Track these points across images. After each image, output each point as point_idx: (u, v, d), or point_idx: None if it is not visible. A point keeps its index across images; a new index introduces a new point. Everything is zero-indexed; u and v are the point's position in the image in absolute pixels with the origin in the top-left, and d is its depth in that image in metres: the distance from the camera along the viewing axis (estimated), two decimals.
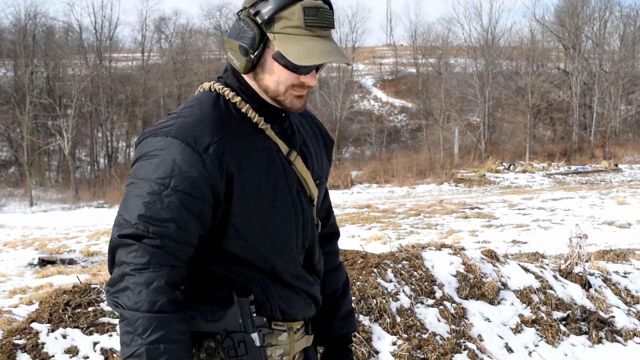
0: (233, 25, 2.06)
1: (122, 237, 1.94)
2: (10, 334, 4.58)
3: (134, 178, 2.00)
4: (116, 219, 1.99)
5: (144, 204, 1.94)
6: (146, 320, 1.88)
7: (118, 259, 1.94)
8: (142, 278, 1.90)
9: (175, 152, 1.97)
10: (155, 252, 1.93)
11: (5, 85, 53.24)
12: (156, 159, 1.97)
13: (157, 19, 64.19)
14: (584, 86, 50.04)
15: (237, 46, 2.03)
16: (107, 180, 45.73)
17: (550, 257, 9.77)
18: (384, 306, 5.54)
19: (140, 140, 2.06)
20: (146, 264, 1.91)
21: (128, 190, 1.99)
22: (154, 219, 1.94)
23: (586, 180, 33.93)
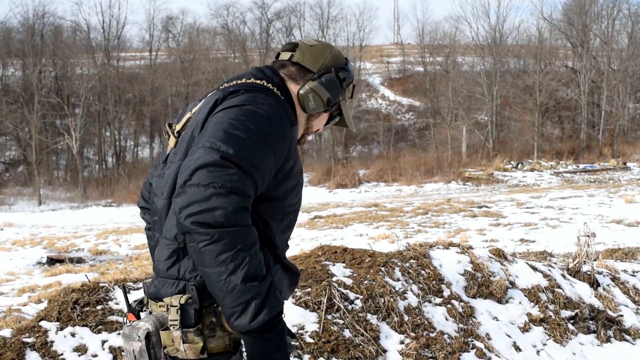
0: (328, 78, 2.53)
1: (222, 159, 2.06)
2: (19, 332, 4.60)
3: (233, 117, 2.18)
4: (209, 143, 2.10)
5: (244, 142, 2.12)
6: (241, 233, 2.03)
7: (203, 179, 2.03)
8: (235, 201, 2.04)
9: (278, 115, 2.26)
10: (246, 181, 2.08)
11: (14, 85, 53.42)
12: (259, 113, 2.21)
13: (164, 18, 64.41)
14: (592, 84, 49.88)
15: (326, 97, 2.52)
16: (115, 179, 45.85)
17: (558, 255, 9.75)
18: (392, 305, 5.53)
19: (238, 94, 2.30)
20: (239, 188, 2.05)
21: (225, 123, 2.16)
22: (250, 158, 2.11)
23: (594, 178, 33.83)
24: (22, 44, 53.12)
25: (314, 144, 56.63)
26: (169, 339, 2.16)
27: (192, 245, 2.03)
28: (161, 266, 2.30)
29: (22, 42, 53.58)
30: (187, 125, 2.42)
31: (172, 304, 2.16)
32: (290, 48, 2.58)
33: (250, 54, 62.74)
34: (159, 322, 2.20)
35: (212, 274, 2.01)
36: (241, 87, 2.33)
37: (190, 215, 2.00)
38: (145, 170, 48.69)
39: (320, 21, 63.09)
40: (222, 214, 1.99)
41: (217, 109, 2.26)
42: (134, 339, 2.20)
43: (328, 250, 6.34)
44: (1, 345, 4.39)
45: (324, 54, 2.56)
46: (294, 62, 2.54)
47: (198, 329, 2.14)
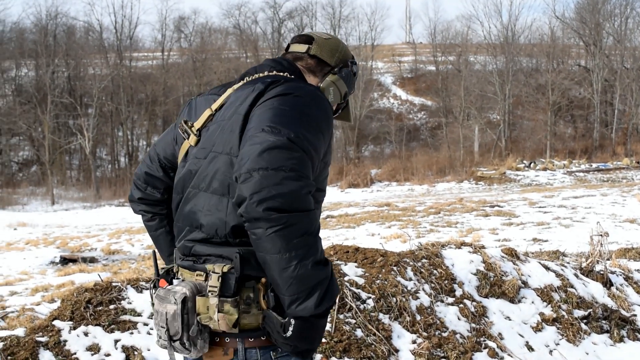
0: (346, 72, 2.62)
1: (289, 140, 2.05)
2: (32, 332, 4.62)
3: (284, 104, 2.18)
4: (270, 128, 2.09)
5: (302, 125, 2.14)
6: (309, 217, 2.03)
7: (272, 162, 2.01)
8: (304, 184, 2.03)
9: (323, 103, 2.28)
10: (309, 163, 2.09)
11: (27, 85, 53.65)
12: (306, 99, 2.24)
13: (176, 18, 64.59)
14: (605, 83, 49.64)
15: (344, 91, 2.61)
16: (128, 179, 45.96)
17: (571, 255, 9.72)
18: (404, 304, 5.53)
19: (280, 84, 2.30)
20: (305, 172, 2.05)
21: (277, 109, 2.16)
22: (310, 141, 2.12)
23: (607, 177, 33.69)
24: (35, 44, 53.35)
25: None
26: (204, 306, 2.14)
27: (258, 232, 1.99)
28: (201, 247, 2.28)
29: (35, 42, 53.81)
30: (209, 122, 2.41)
31: (215, 271, 2.14)
32: (305, 40, 2.61)
33: (262, 53, 62.74)
34: (196, 289, 2.18)
35: (281, 260, 1.98)
36: (281, 77, 2.38)
37: (262, 200, 1.96)
38: None
39: (332, 21, 63.10)
40: (294, 197, 1.98)
41: (262, 99, 2.25)
42: (169, 301, 2.19)
43: (340, 250, 6.34)
44: (15, 345, 4.42)
45: (338, 47, 2.63)
46: (311, 54, 2.58)
47: (235, 300, 2.11)
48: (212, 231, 2.23)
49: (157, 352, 4.68)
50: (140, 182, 2.68)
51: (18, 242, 17.94)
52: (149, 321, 4.93)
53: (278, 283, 2.03)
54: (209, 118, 2.41)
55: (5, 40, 55.90)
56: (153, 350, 4.68)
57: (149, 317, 4.97)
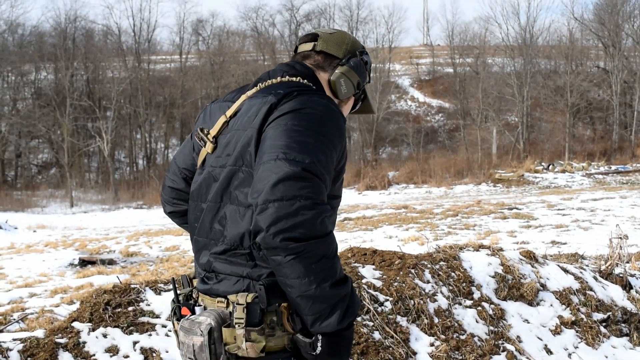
0: (356, 62, 2.59)
1: (303, 170, 2.07)
2: (52, 333, 4.65)
3: (297, 123, 2.19)
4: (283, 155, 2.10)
5: (315, 149, 2.14)
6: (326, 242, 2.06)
7: (287, 192, 2.03)
8: (321, 210, 2.05)
9: (335, 117, 2.28)
10: (323, 188, 2.12)
11: (46, 88, 54.05)
12: (319, 116, 2.23)
13: (194, 21, 64.78)
14: (624, 85, 49.32)
15: (355, 80, 2.59)
16: (146, 181, 46.16)
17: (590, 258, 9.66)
18: (422, 307, 5.52)
19: (292, 97, 2.29)
20: (320, 198, 2.08)
21: (290, 130, 2.17)
22: (323, 164, 2.14)
23: (627, 180, 33.46)
24: (54, 47, 53.70)
25: None
26: (231, 336, 2.17)
27: (277, 259, 2.04)
28: (222, 265, 2.31)
29: (54, 46, 54.16)
30: (224, 129, 2.43)
31: (239, 302, 2.17)
32: (310, 39, 2.62)
33: (279, 56, 62.84)
34: (221, 318, 2.21)
35: (301, 284, 2.04)
36: (292, 89, 2.33)
37: (279, 232, 2.00)
38: None
39: (349, 23, 63.06)
40: (310, 227, 2.01)
41: (274, 114, 2.25)
42: (195, 333, 2.21)
43: (357, 252, 6.34)
44: (34, 346, 4.45)
45: (345, 40, 2.61)
46: (318, 51, 2.58)
47: (262, 328, 2.15)
48: (236, 242, 2.26)
49: (176, 354, 4.70)
50: (166, 196, 2.75)
51: (37, 244, 18.05)
52: (167, 323, 4.95)
53: (299, 305, 2.08)
54: (224, 125, 2.43)
55: (25, 44, 56.31)
56: (171, 352, 4.70)
57: (167, 319, 4.99)
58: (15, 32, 55.43)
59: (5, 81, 53.76)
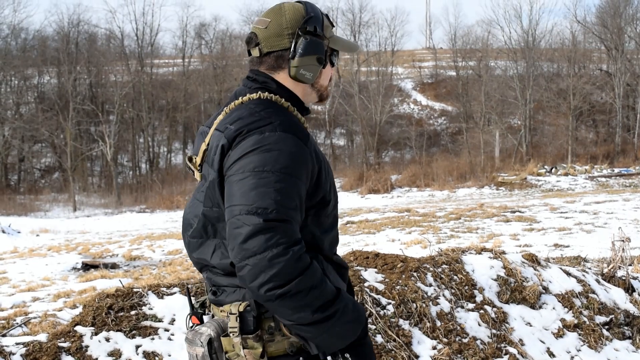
0: (305, 45, 2.43)
1: (266, 222, 2.07)
2: (55, 337, 4.66)
3: (252, 171, 2.16)
4: (246, 208, 2.11)
5: (275, 192, 2.12)
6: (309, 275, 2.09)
7: (257, 247, 2.05)
8: (294, 252, 2.06)
9: (290, 144, 2.21)
10: (292, 230, 2.11)
11: (49, 92, 54.13)
12: (274, 152, 2.18)
13: (197, 25, 64.78)
14: (627, 87, 49.30)
15: (314, 60, 2.44)
16: (149, 185, 46.22)
17: (592, 260, 9.66)
18: (424, 310, 5.53)
19: (244, 137, 2.24)
20: (292, 238, 2.09)
21: (248, 180, 2.15)
22: (286, 205, 2.13)
23: (630, 182, 33.42)
24: (57, 52, 53.83)
25: (345, 149, 56.63)
26: (229, 344, 2.23)
27: (269, 305, 2.10)
28: (219, 278, 2.38)
29: (57, 50, 54.30)
30: (205, 157, 2.42)
31: (232, 312, 2.23)
32: (254, 42, 2.50)
33: None
34: (221, 328, 2.28)
35: (300, 318, 2.10)
36: (243, 124, 2.27)
37: (261, 286, 2.05)
38: (178, 176, 49.00)
39: (352, 26, 63.11)
40: (288, 271, 2.04)
41: (230, 159, 2.24)
42: (196, 344, 2.28)
43: (360, 256, 6.35)
44: (37, 350, 4.46)
45: (282, 25, 2.43)
46: (265, 53, 2.47)
47: (257, 335, 2.21)
48: (227, 269, 2.31)
49: (178, 357, 4.70)
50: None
51: (40, 248, 18.07)
52: (170, 327, 4.96)
53: (304, 336, 2.17)
54: (205, 153, 2.42)
55: (28, 48, 56.43)
56: (174, 356, 4.70)
57: (170, 323, 5.00)
58: (19, 37, 55.56)
59: (9, 85, 53.88)
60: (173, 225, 26.08)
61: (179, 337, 4.91)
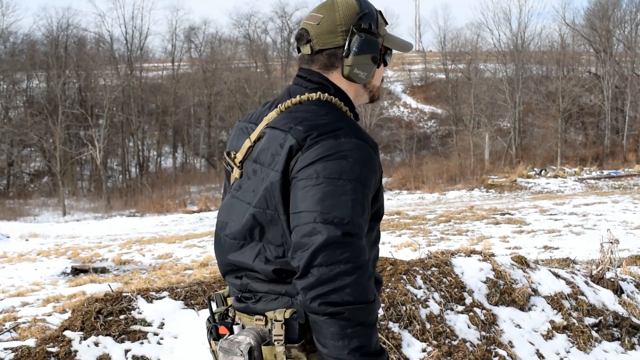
0: (360, 42, 2.33)
1: (343, 235, 2.00)
2: (43, 342, 4.65)
3: (328, 177, 2.07)
4: (322, 217, 2.03)
5: (351, 202, 2.05)
6: (367, 309, 2.01)
7: (326, 259, 1.99)
8: (360, 274, 2.00)
9: (364, 153, 2.14)
10: (363, 248, 2.05)
11: (38, 96, 54.03)
12: (349, 160, 2.10)
13: (186, 28, 64.82)
14: (615, 90, 49.54)
15: (369, 59, 2.35)
16: (139, 189, 46.12)
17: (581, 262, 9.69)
18: (414, 313, 5.53)
19: (316, 141, 2.13)
20: (360, 258, 2.02)
21: (324, 187, 2.06)
22: (358, 217, 2.05)
23: (619, 184, 33.57)
24: (46, 56, 53.68)
25: None
26: (271, 354, 2.14)
27: (314, 317, 2.02)
28: (258, 284, 2.27)
29: (46, 54, 54.15)
30: (249, 154, 2.34)
31: (277, 319, 2.14)
32: (305, 39, 2.40)
33: (271, 63, 62.94)
34: (260, 337, 2.18)
35: (334, 347, 2.00)
36: (312, 126, 2.17)
37: (316, 297, 1.99)
38: (168, 180, 48.94)
39: None
40: (350, 292, 1.98)
41: (300, 162, 2.13)
42: (235, 353, 2.17)
43: None
44: (26, 355, 4.44)
45: (335, 22, 2.34)
46: (317, 51, 2.37)
47: (302, 344, 2.11)
48: (270, 275, 2.22)
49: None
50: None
51: (30, 253, 18.01)
52: (159, 331, 4.95)
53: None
54: (249, 150, 2.35)
55: (17, 52, 56.25)
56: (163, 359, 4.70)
57: (159, 327, 4.99)
58: (7, 41, 55.39)
59: None
60: (163, 229, 26.04)
61: (168, 341, 4.90)
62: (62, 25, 56.16)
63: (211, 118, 56.81)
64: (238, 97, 54.68)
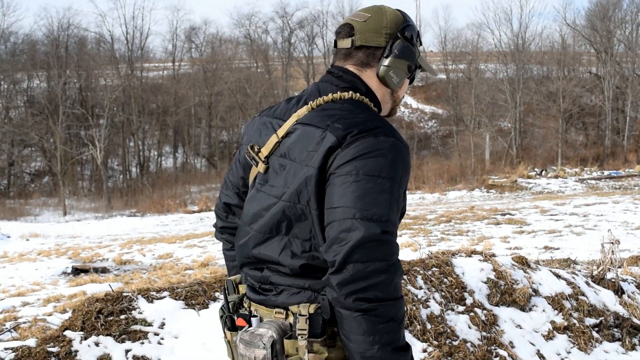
0: (400, 47, 2.40)
1: (382, 233, 2.04)
2: (44, 342, 4.64)
3: (368, 174, 2.09)
4: (361, 213, 2.05)
5: (389, 201, 2.09)
6: (396, 305, 2.05)
7: (363, 256, 2.02)
8: (393, 271, 2.04)
9: (401, 153, 2.18)
10: (397, 245, 2.10)
11: (39, 96, 54.02)
12: (388, 158, 2.13)
13: (187, 28, 64.83)
14: (616, 90, 49.53)
15: (405, 65, 2.42)
16: (139, 189, 46.14)
17: (582, 263, 9.69)
18: (414, 313, 5.53)
19: (357, 138, 2.14)
20: (394, 257, 2.06)
21: (363, 184, 2.08)
22: (394, 216, 2.11)
23: (619, 185, 33.56)
24: (46, 55, 53.69)
25: None
26: (292, 348, 2.16)
27: (345, 313, 2.04)
28: (281, 278, 2.28)
29: (46, 54, 54.16)
30: (276, 149, 2.34)
31: (301, 313, 2.16)
32: (347, 32, 2.43)
33: (272, 63, 62.95)
34: (282, 330, 2.19)
35: (364, 342, 2.02)
36: (351, 124, 2.18)
37: (351, 293, 2.00)
38: (168, 180, 48.94)
39: None
40: (382, 289, 2.01)
41: (339, 159, 2.14)
42: (257, 346, 2.19)
43: None
44: (26, 355, 4.44)
45: (382, 23, 2.40)
46: (357, 46, 2.41)
47: (324, 339, 2.14)
48: (295, 269, 2.23)
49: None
50: (220, 211, 2.66)
51: (30, 253, 18.01)
52: (160, 331, 4.94)
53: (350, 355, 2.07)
54: (276, 145, 2.34)
55: (18, 52, 56.25)
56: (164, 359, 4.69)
57: (160, 327, 4.98)
58: (8, 41, 55.35)
59: None
60: (163, 229, 26.04)
61: (169, 341, 4.89)
62: (63, 25, 56.21)
63: (212, 118, 56.80)
64: (239, 97, 54.68)
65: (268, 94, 55.21)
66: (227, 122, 56.29)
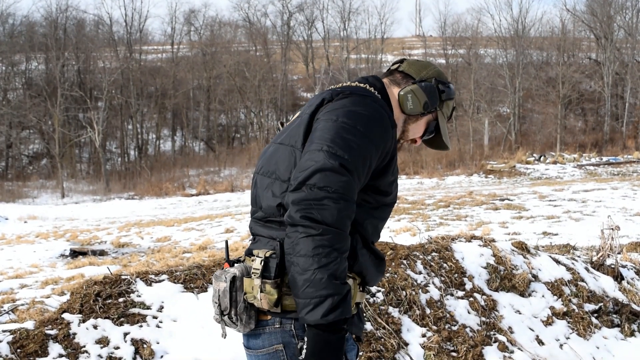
0: (428, 85, 2.68)
1: (340, 166, 2.27)
2: (42, 325, 4.62)
3: (345, 120, 2.38)
4: (327, 147, 2.30)
5: (358, 147, 2.33)
6: (340, 236, 2.23)
7: (320, 181, 2.25)
8: (344, 205, 2.25)
9: (382, 118, 2.44)
10: (355, 188, 2.31)
11: (37, 79, 53.84)
12: (367, 116, 2.41)
13: (186, 11, 64.92)
14: (615, 76, 49.44)
15: (424, 99, 2.66)
16: (138, 172, 46.10)
17: (581, 249, 9.69)
18: (414, 298, 5.52)
19: (346, 95, 2.50)
20: (348, 194, 2.27)
21: (338, 126, 2.36)
22: (359, 164, 2.32)
23: (618, 171, 33.57)
24: (45, 37, 53.49)
25: None
26: (249, 286, 2.40)
27: (293, 235, 2.23)
28: (259, 227, 2.55)
29: (45, 36, 53.95)
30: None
31: (259, 255, 2.40)
32: (398, 61, 2.82)
33: (271, 46, 62.79)
34: (245, 270, 2.46)
35: (305, 262, 2.20)
36: (347, 89, 2.53)
37: (301, 209, 2.22)
38: (167, 163, 48.92)
39: (342, 14, 63.09)
40: (329, 214, 2.21)
41: (327, 107, 2.47)
42: (221, 279, 2.47)
43: None
44: (24, 337, 4.42)
45: (428, 67, 2.75)
46: (400, 70, 2.75)
47: (275, 282, 2.35)
48: (272, 211, 2.48)
49: (166, 345, 4.68)
50: None
51: (28, 235, 18.00)
52: (158, 314, 4.93)
53: (297, 284, 2.24)
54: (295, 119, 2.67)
55: (16, 34, 56.05)
56: (162, 343, 4.68)
57: (158, 310, 4.97)
58: (6, 22, 55.19)
59: None
60: (162, 212, 26.03)
61: (167, 324, 4.88)
62: (61, 7, 56.19)
63: (210, 101, 56.70)
64: (237, 81, 54.55)
65: (267, 77, 55.06)
66: (225, 106, 56.17)
